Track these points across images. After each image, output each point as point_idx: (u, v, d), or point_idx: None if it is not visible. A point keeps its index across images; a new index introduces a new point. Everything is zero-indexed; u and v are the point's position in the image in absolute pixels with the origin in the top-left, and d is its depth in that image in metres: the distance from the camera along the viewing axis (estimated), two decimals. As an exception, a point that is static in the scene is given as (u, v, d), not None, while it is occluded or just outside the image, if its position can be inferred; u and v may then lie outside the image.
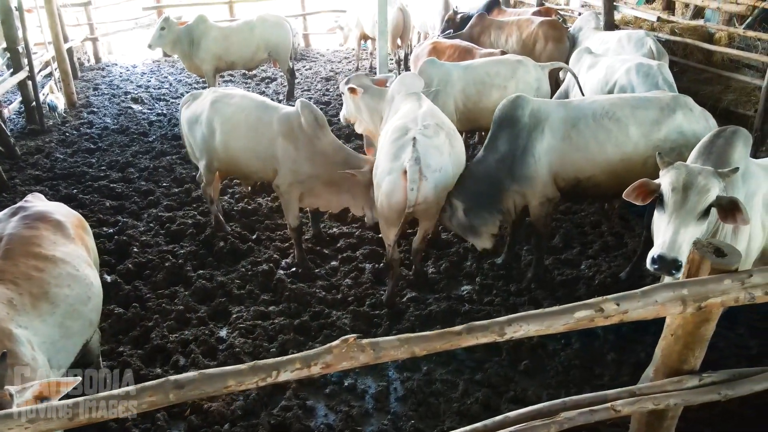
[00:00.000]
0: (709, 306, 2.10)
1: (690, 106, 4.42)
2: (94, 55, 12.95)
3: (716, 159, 3.31)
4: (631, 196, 3.20)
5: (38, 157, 7.44)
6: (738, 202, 2.87)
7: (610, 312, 1.97)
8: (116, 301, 4.76)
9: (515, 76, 5.88)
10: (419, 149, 3.97)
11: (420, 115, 4.42)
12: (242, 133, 4.98)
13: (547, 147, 4.42)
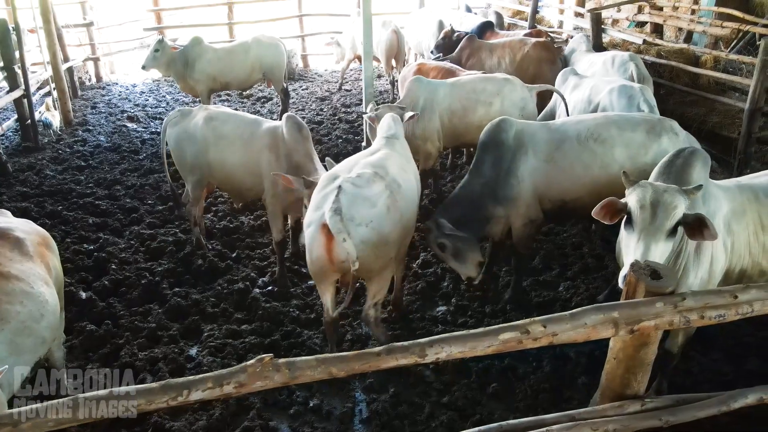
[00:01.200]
0: (642, 329, 2.07)
1: (675, 129, 4.42)
2: (95, 75, 13.15)
3: (675, 179, 3.34)
4: (599, 215, 3.19)
5: (29, 173, 7.52)
6: (705, 218, 2.88)
7: (537, 334, 1.95)
8: (89, 318, 4.76)
9: (501, 94, 5.91)
10: (342, 200, 3.44)
11: (363, 162, 3.97)
12: (237, 150, 5.08)
13: (531, 169, 4.42)
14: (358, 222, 3.49)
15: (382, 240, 3.61)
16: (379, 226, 3.59)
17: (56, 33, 10.77)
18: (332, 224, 3.34)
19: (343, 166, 4.03)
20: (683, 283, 3.37)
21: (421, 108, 5.82)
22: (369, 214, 3.55)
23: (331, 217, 3.36)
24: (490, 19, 10.10)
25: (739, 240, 3.49)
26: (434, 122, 5.85)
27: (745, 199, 3.53)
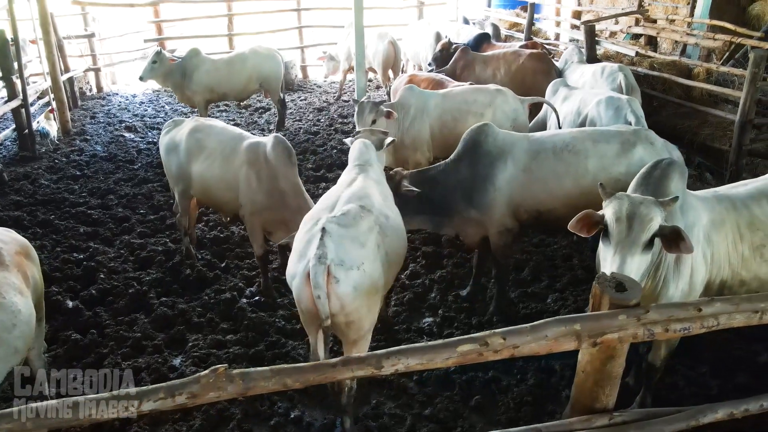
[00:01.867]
0: (606, 341, 2.06)
1: (651, 139, 4.42)
2: (96, 85, 13.26)
3: (653, 190, 3.33)
4: (575, 228, 3.18)
5: (24, 182, 7.57)
6: (681, 231, 2.88)
7: (497, 346, 1.94)
8: (74, 327, 4.76)
9: (493, 105, 5.93)
10: (328, 243, 3.06)
11: (343, 197, 3.58)
12: (217, 164, 5.04)
13: (509, 178, 4.42)
14: (349, 266, 3.08)
15: (374, 284, 3.21)
16: (371, 268, 3.20)
17: (57, 44, 10.92)
18: (313, 276, 2.94)
19: (322, 204, 3.65)
20: (663, 295, 3.35)
21: (412, 117, 5.86)
22: (359, 255, 3.16)
23: (314, 267, 2.95)
24: (486, 31, 10.14)
25: (719, 251, 3.48)
26: (424, 132, 5.88)
27: (724, 209, 3.53)
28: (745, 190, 3.66)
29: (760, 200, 3.56)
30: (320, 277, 2.94)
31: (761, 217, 3.50)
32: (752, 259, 3.50)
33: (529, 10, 10.24)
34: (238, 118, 11.04)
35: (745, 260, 3.49)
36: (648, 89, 7.51)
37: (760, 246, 3.47)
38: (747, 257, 3.49)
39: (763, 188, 3.64)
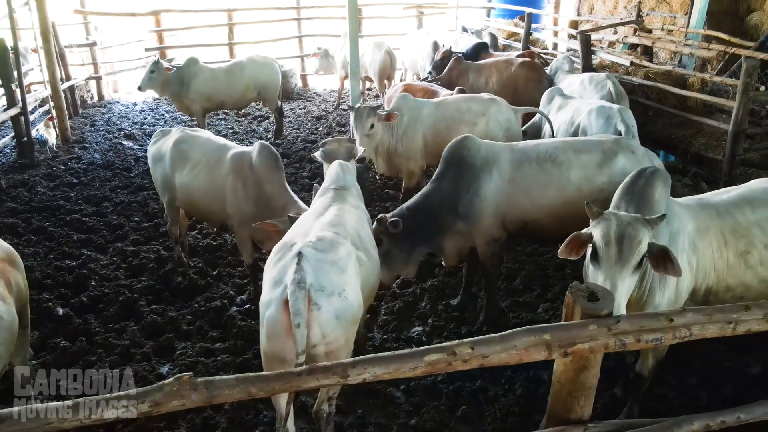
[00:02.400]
0: (576, 352, 2.05)
1: (632, 148, 4.44)
2: (97, 93, 13.36)
3: (638, 200, 3.33)
4: (565, 253, 3.13)
5: (21, 190, 7.61)
6: (669, 252, 2.86)
7: (465, 356, 1.93)
8: (64, 335, 4.77)
9: (486, 114, 5.94)
10: (306, 268, 2.80)
11: (318, 224, 3.37)
12: (202, 175, 5.03)
13: (495, 188, 4.42)
14: (330, 291, 2.83)
15: (355, 313, 2.96)
16: (352, 294, 2.97)
17: (58, 53, 11.03)
18: (293, 303, 2.62)
19: (295, 231, 3.44)
20: (650, 303, 3.34)
21: (405, 125, 5.89)
22: (341, 280, 2.93)
23: (294, 292, 2.65)
24: (485, 41, 10.18)
25: (704, 258, 3.48)
26: (417, 141, 5.89)
27: (708, 216, 3.53)
28: (729, 197, 3.67)
29: (743, 207, 3.57)
30: (301, 303, 2.62)
31: (744, 224, 3.51)
32: (737, 265, 3.50)
33: (526, 20, 10.28)
34: (237, 127, 11.10)
35: (730, 267, 3.50)
36: (643, 99, 7.52)
37: (744, 252, 3.48)
38: (732, 264, 3.50)
39: (746, 195, 3.65)
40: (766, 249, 3.48)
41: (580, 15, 14.32)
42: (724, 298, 3.57)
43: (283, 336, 2.70)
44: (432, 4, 14.70)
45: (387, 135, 5.88)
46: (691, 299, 3.57)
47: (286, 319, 2.69)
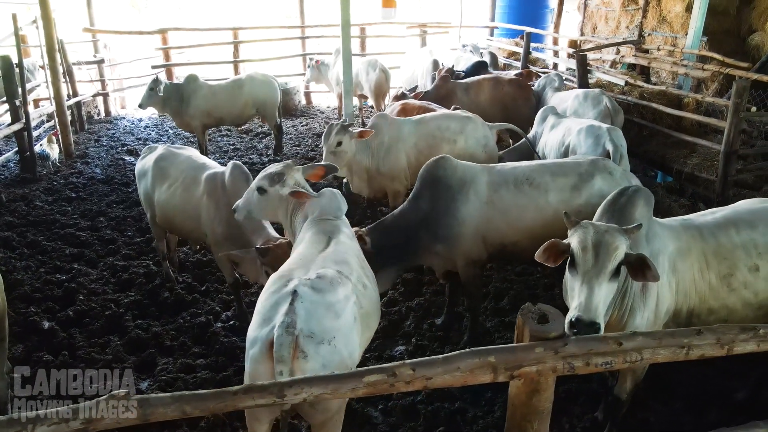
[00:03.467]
0: (523, 374, 2.02)
1: (610, 169, 4.43)
2: (104, 110, 13.58)
3: (618, 217, 3.33)
4: (542, 258, 3.15)
5: (19, 204, 7.71)
6: (646, 259, 2.87)
7: (406, 377, 1.91)
8: (48, 348, 4.79)
9: (464, 131, 5.98)
10: (299, 310, 2.64)
11: (320, 259, 3.18)
12: (178, 193, 5.05)
13: (472, 210, 4.41)
14: (320, 339, 2.63)
15: (344, 362, 2.71)
16: (344, 343, 2.75)
17: (66, 69, 11.28)
18: (277, 348, 2.48)
19: (295, 263, 3.22)
20: (630, 324, 3.31)
21: (387, 145, 5.89)
22: (332, 327, 2.73)
23: (280, 337, 2.50)
24: (484, 60, 10.23)
25: (685, 279, 3.45)
26: (400, 160, 5.90)
27: (690, 237, 3.50)
28: (713, 219, 3.63)
29: (727, 229, 3.52)
30: (286, 350, 2.46)
31: (728, 246, 3.46)
32: (720, 288, 3.46)
33: (525, 40, 10.34)
34: (239, 143, 11.21)
35: (712, 289, 3.46)
36: (638, 118, 7.49)
37: (727, 275, 3.44)
38: (714, 286, 3.46)
39: (730, 216, 3.60)
40: (750, 272, 3.44)
41: (583, 34, 14.37)
42: (708, 321, 3.52)
43: (265, 379, 2.52)
44: (435, 24, 14.83)
45: (365, 155, 5.89)
46: (674, 321, 3.53)
47: (269, 364, 2.53)
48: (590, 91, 6.84)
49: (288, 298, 2.69)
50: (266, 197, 3.97)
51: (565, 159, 4.89)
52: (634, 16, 12.60)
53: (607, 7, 13.47)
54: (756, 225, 3.47)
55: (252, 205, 4.08)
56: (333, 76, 11.33)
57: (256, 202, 4.04)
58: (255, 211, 4.10)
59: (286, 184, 3.92)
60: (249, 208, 4.11)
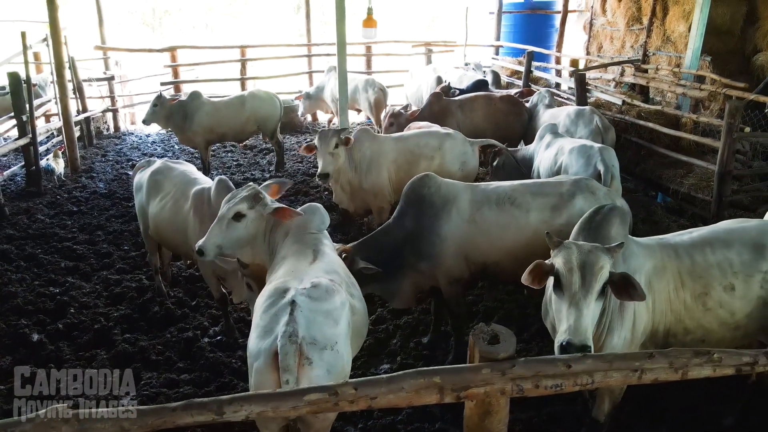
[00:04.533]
0: (471, 396, 2.00)
1: (592, 188, 4.41)
2: (113, 125, 13.82)
3: (595, 235, 3.33)
4: (528, 281, 3.12)
5: (22, 217, 7.84)
6: (630, 278, 2.87)
7: (348, 396, 1.90)
8: (35, 361, 4.83)
9: (442, 148, 6.03)
10: (299, 319, 2.69)
11: (312, 270, 3.24)
12: (168, 207, 5.10)
13: (454, 228, 4.41)
14: (322, 345, 2.69)
15: (344, 367, 2.84)
16: (343, 348, 2.85)
17: (76, 86, 11.54)
18: (283, 358, 2.50)
19: (288, 273, 3.24)
20: (608, 344, 3.28)
21: (369, 160, 5.96)
22: (333, 333, 2.80)
23: (284, 347, 2.54)
24: (485, 78, 10.29)
25: (661, 298, 3.42)
26: (382, 176, 5.95)
27: (666, 256, 3.48)
28: (690, 238, 3.61)
29: (703, 248, 3.50)
30: (291, 359, 2.50)
31: (703, 265, 3.43)
32: (695, 307, 3.43)
33: (527, 58, 10.38)
34: (242, 159, 11.32)
35: (687, 308, 3.43)
36: (636, 138, 7.46)
37: (702, 294, 3.41)
38: (690, 306, 3.42)
39: (707, 236, 3.58)
40: (725, 291, 3.40)
41: (589, 54, 14.41)
42: (684, 341, 3.49)
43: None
44: (441, 42, 14.96)
45: (349, 167, 5.95)
46: (651, 341, 3.50)
47: (275, 375, 2.56)
48: (581, 108, 6.87)
49: (287, 309, 2.74)
50: (244, 223, 3.69)
51: (549, 179, 4.89)
52: (638, 36, 12.62)
53: (612, 27, 13.52)
54: (731, 244, 3.44)
55: (224, 239, 3.71)
56: (327, 94, 11.53)
57: (230, 232, 3.70)
58: (228, 244, 3.73)
59: (267, 203, 3.76)
60: (219, 243, 3.72)
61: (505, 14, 14.27)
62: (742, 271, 3.37)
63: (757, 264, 3.37)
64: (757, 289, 3.37)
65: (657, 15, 11.93)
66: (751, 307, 3.40)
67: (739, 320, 3.40)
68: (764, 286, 3.37)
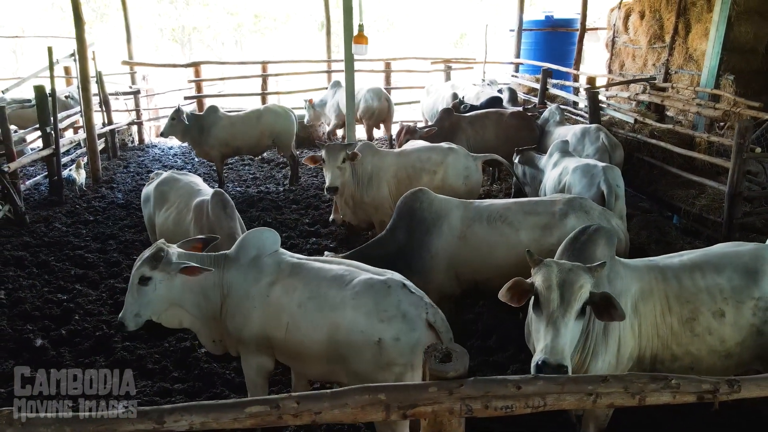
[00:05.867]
0: (417, 414, 1.97)
1: (586, 208, 4.34)
2: (138, 138, 14.20)
3: (578, 255, 3.28)
4: (506, 297, 3.06)
5: (40, 225, 8.09)
6: (611, 297, 2.81)
7: (290, 410, 1.90)
8: (36, 365, 4.92)
9: (445, 163, 6.01)
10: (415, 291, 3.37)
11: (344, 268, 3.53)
12: (172, 218, 5.22)
13: (445, 244, 4.40)
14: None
15: None
16: None
17: (102, 99, 11.93)
18: (440, 323, 3.24)
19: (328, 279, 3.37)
20: (592, 368, 3.21)
21: (370, 174, 5.99)
22: None
23: (436, 313, 3.26)
24: (499, 95, 10.27)
25: (647, 322, 3.34)
26: (383, 190, 5.97)
27: (653, 279, 3.39)
28: (679, 261, 3.51)
29: (692, 272, 3.40)
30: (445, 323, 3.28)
31: (691, 290, 3.33)
32: (682, 333, 3.32)
33: (542, 76, 10.33)
34: (258, 172, 11.49)
35: (674, 334, 3.32)
36: (648, 157, 7.32)
37: (690, 319, 3.30)
38: (677, 331, 3.32)
39: (697, 260, 3.47)
40: (714, 317, 3.28)
41: (611, 71, 14.24)
42: (672, 368, 3.38)
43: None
44: (461, 59, 15.00)
45: (351, 179, 5.99)
46: (639, 367, 3.40)
47: (434, 335, 3.15)
48: (587, 126, 6.80)
49: (403, 288, 3.26)
50: (152, 286, 3.44)
51: (544, 197, 4.83)
52: (660, 54, 12.42)
53: (635, 45, 13.35)
54: (722, 269, 3.33)
55: (140, 307, 3.49)
56: (330, 108, 11.75)
57: (141, 298, 3.47)
58: (146, 311, 3.51)
59: (170, 261, 3.44)
60: (137, 311, 3.51)
61: (525, 32, 14.24)
62: (732, 297, 3.25)
63: (749, 290, 3.25)
64: (749, 317, 3.24)
65: (679, 33, 11.74)
66: (743, 336, 3.27)
67: (730, 348, 3.27)
68: (757, 314, 3.24)
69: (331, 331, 3.18)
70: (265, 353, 3.59)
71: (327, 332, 3.20)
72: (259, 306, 3.45)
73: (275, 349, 3.54)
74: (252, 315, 3.47)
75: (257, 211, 8.79)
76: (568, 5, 13.22)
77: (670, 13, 11.95)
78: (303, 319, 3.29)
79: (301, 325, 3.29)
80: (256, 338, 3.51)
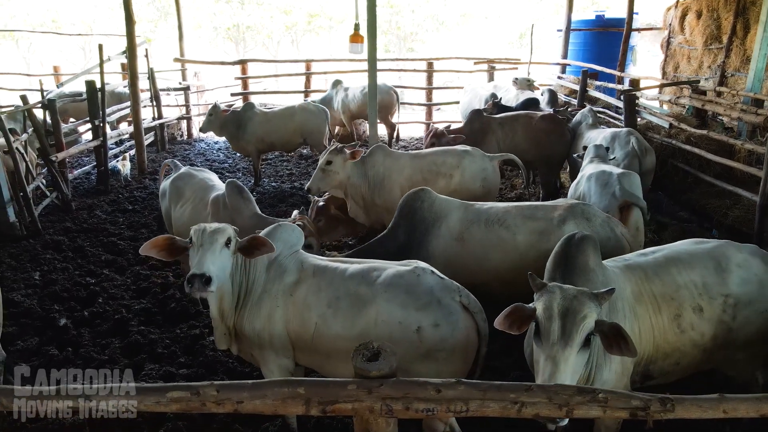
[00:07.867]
0: (337, 410, 1.99)
1: (587, 215, 4.19)
2: (187, 132, 14.78)
3: (572, 269, 3.16)
4: (503, 325, 2.82)
5: (83, 212, 8.57)
6: (621, 330, 2.62)
7: (210, 398, 1.95)
8: (57, 344, 5.26)
9: (461, 166, 5.92)
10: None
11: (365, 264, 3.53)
12: (188, 212, 5.40)
13: (443, 245, 4.36)
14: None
15: None
16: None
17: (153, 94, 12.50)
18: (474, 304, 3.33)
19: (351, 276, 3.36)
20: (598, 379, 3.09)
21: (381, 176, 5.96)
22: None
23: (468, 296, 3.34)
24: (535, 97, 10.05)
25: (645, 324, 3.25)
26: (395, 192, 5.93)
27: (639, 279, 3.31)
28: (653, 258, 3.43)
29: (668, 268, 3.33)
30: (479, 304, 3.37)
31: (673, 286, 3.27)
32: (671, 330, 3.25)
33: (582, 78, 10.01)
34: (295, 168, 11.72)
35: (666, 332, 3.25)
36: (682, 164, 6.97)
37: (676, 316, 3.24)
38: (666, 328, 3.25)
39: (671, 256, 3.40)
40: (694, 312, 3.25)
41: (666, 73, 13.65)
42: (663, 366, 3.33)
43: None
44: (504, 60, 14.74)
45: (362, 181, 5.97)
46: (633, 368, 3.28)
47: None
48: (618, 130, 6.55)
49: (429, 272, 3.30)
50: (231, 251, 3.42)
51: (546, 202, 4.70)
52: (717, 56, 11.82)
53: (690, 46, 12.75)
54: (693, 265, 3.30)
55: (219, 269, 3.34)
56: (336, 106, 11.99)
57: (225, 260, 3.38)
58: (223, 274, 3.37)
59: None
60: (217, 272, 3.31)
61: (574, 32, 13.84)
62: (705, 293, 3.24)
63: (719, 287, 3.25)
64: (719, 313, 3.24)
65: (737, 34, 11.12)
66: (714, 330, 3.26)
67: (706, 342, 3.27)
68: (726, 311, 3.22)
69: (368, 326, 3.12)
70: (286, 355, 3.50)
71: (362, 329, 3.14)
72: (282, 305, 3.39)
73: (298, 351, 3.47)
74: (274, 315, 3.39)
75: (286, 206, 8.97)
76: (625, 4, 12.74)
77: (729, 12, 11.35)
78: (334, 318, 3.22)
79: (332, 324, 3.22)
80: (279, 338, 3.42)
